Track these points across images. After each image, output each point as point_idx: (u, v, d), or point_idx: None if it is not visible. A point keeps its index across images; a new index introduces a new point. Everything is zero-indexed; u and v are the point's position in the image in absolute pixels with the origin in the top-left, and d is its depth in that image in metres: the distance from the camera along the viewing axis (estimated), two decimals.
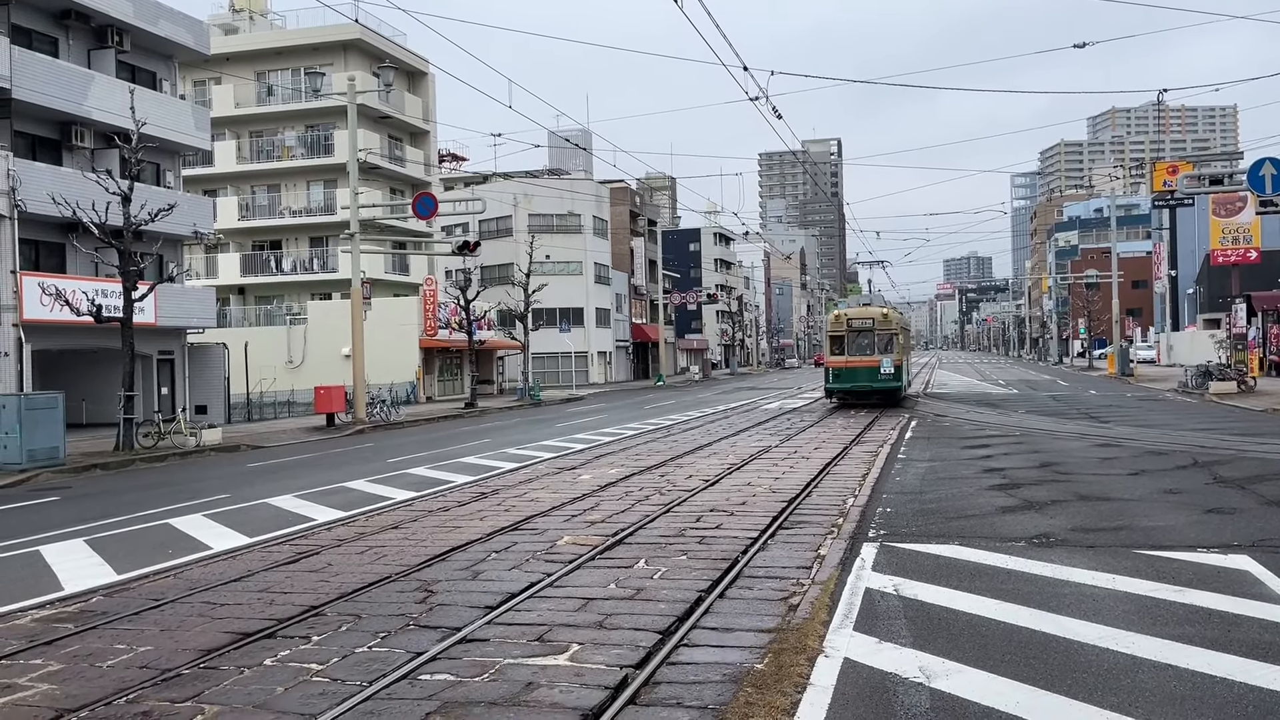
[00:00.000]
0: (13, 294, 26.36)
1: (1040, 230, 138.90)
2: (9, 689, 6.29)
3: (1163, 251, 74.85)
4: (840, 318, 32.22)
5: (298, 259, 51.56)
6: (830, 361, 31.96)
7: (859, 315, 32.11)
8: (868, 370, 30.60)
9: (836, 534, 10.20)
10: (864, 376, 30.65)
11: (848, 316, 32.08)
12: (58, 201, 24.10)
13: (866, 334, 30.94)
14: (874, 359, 30.56)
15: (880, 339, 30.81)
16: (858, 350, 30.89)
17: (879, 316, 31.78)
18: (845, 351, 31.07)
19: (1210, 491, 12.20)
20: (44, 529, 12.96)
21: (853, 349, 30.95)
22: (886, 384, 30.66)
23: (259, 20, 54.80)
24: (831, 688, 5.59)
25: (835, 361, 31.49)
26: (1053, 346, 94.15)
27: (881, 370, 30.39)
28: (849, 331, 31.21)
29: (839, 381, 31.33)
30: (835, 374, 31.50)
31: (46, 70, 28.12)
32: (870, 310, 33.26)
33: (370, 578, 9.02)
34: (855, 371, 30.80)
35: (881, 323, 31.31)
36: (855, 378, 30.80)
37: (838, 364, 31.31)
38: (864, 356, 30.70)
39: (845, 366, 30.96)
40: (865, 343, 30.89)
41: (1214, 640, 6.25)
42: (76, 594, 8.98)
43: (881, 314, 32.13)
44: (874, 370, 30.52)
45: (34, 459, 20.01)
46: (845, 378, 31.04)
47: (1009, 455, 16.75)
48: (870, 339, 30.85)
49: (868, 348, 30.82)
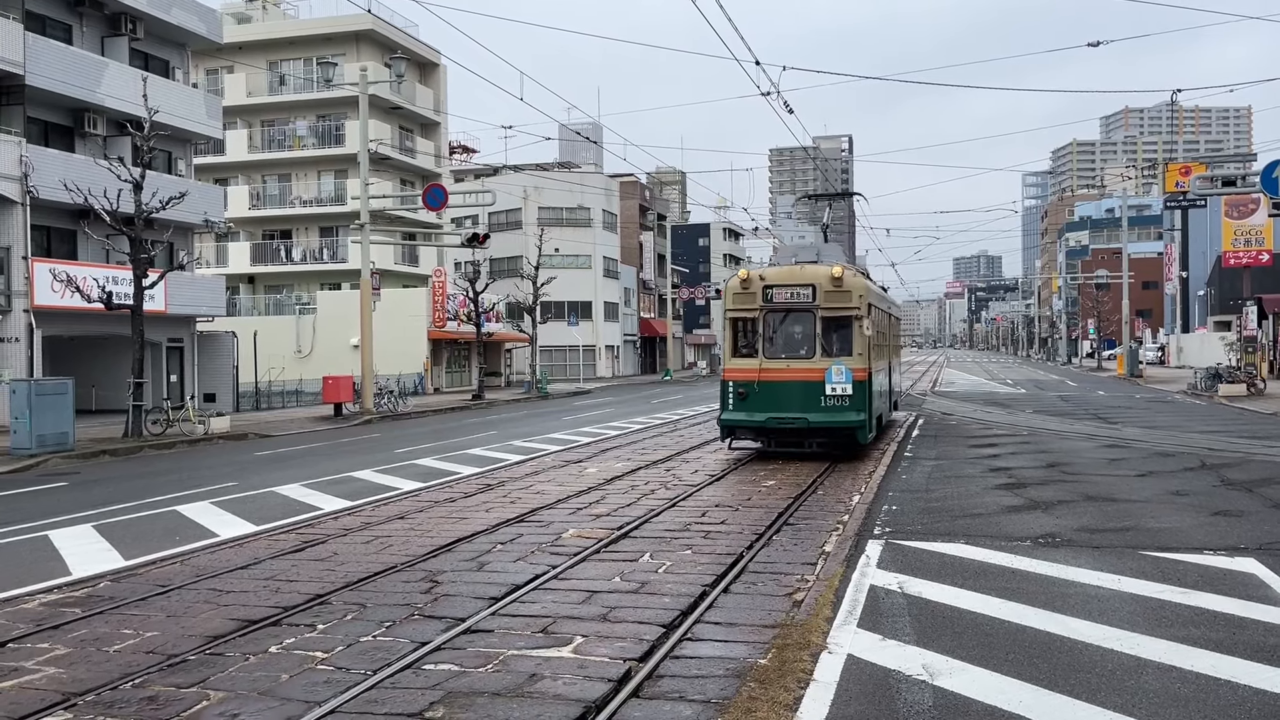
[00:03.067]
0: (24, 280, 26.47)
1: (1051, 230, 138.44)
2: (16, 672, 6.32)
3: (1174, 252, 74.59)
4: (751, 281, 16.90)
5: (308, 249, 51.66)
6: (732, 371, 16.77)
7: (786, 280, 16.85)
8: (801, 389, 16.22)
9: (842, 531, 10.19)
10: (792, 400, 16.24)
11: (765, 281, 16.86)
12: (69, 188, 24.17)
13: (801, 315, 16.55)
14: (813, 366, 16.23)
15: (827, 324, 16.41)
16: (783, 347, 16.65)
17: (825, 281, 16.46)
18: (759, 350, 16.62)
19: (1218, 494, 12.16)
20: (53, 514, 13.02)
21: (773, 344, 16.72)
22: (835, 416, 16.11)
23: (272, 9, 54.83)
24: (835, 684, 5.60)
25: (739, 370, 16.64)
26: (1061, 346, 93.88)
27: (828, 388, 16.09)
28: (766, 310, 16.67)
29: (745, 409, 16.49)
30: (738, 395, 16.56)
31: (60, 57, 28.20)
32: (810, 272, 16.91)
33: (376, 567, 9.05)
34: (775, 391, 16.35)
35: (830, 292, 16.43)
36: (775, 402, 16.34)
37: (743, 374, 16.56)
38: (794, 361, 16.37)
39: (758, 380, 16.34)
40: (798, 332, 16.67)
41: (1219, 642, 6.23)
42: (84, 579, 9.03)
43: (829, 276, 16.52)
44: (813, 389, 16.16)
45: (43, 444, 20.10)
46: (756, 403, 16.37)
47: (1016, 455, 16.71)
48: (807, 325, 16.52)
49: (802, 343, 16.57)
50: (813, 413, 16.03)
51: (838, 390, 15.94)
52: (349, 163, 47.13)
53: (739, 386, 16.49)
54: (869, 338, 16.61)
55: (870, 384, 16.79)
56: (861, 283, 17.01)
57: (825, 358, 16.17)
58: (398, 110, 50.37)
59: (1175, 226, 73.30)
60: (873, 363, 17.09)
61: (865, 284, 17.23)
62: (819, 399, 16.03)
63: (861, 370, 16.21)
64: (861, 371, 16.21)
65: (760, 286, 16.61)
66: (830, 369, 15.97)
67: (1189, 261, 70.38)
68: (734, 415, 16.60)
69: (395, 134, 50.21)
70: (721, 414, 16.85)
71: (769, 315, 16.64)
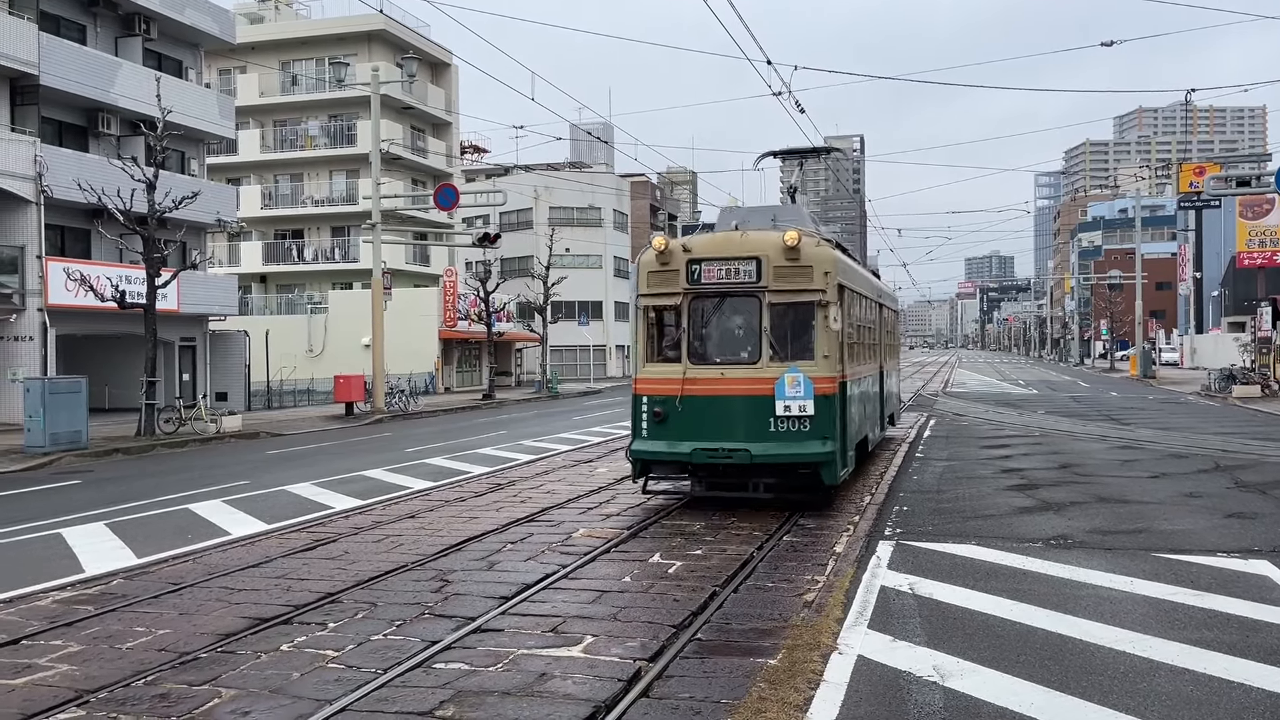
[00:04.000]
0: (38, 279, 26.63)
1: (1064, 230, 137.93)
2: (30, 669, 6.36)
3: (1188, 253, 74.22)
4: (671, 255, 11.80)
5: (319, 248, 51.83)
6: (646, 382, 11.91)
7: (720, 251, 11.75)
8: (742, 407, 11.42)
9: (853, 532, 10.17)
10: (730, 423, 11.44)
11: (691, 254, 11.77)
12: (83, 188, 24.30)
13: (741, 301, 11.74)
14: (759, 374, 11.41)
15: (779, 314, 11.59)
16: (716, 348, 11.86)
17: (775, 252, 11.44)
18: (683, 351, 11.73)
19: (1231, 496, 12.10)
20: (66, 512, 13.09)
21: (702, 344, 11.84)
22: (791, 446, 11.24)
23: (284, 10, 55.06)
24: (845, 684, 5.59)
25: (656, 381, 11.81)
26: (1074, 347, 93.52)
27: (781, 405, 11.19)
28: (692, 295, 11.78)
29: (664, 436, 11.66)
30: (654, 416, 11.74)
31: (74, 57, 28.36)
32: (753, 241, 11.73)
33: (387, 566, 9.07)
34: (705, 410, 11.53)
35: (783, 269, 11.44)
36: (705, 427, 11.48)
37: (661, 386, 11.74)
38: (732, 367, 11.60)
39: (681, 394, 11.54)
40: (738, 326, 11.86)
41: (1232, 645, 6.20)
42: (97, 576, 9.07)
43: (781, 245, 11.38)
44: (758, 407, 11.30)
45: (57, 442, 20.21)
46: (679, 427, 11.56)
47: (1028, 456, 16.65)
48: (750, 315, 11.71)
49: (743, 341, 11.78)
50: (758, 441, 10.95)
51: (793, 408, 10.87)
52: (361, 162, 47.27)
53: (655, 404, 11.45)
54: (841, 333, 11.62)
55: (844, 399, 11.68)
56: (828, 255, 11.40)
57: (776, 362, 11.11)
58: (409, 110, 50.47)
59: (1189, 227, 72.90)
60: (849, 367, 12.25)
61: (835, 258, 11.56)
62: (767, 421, 10.97)
63: (829, 379, 11.15)
64: (829, 381, 11.15)
65: (684, 261, 11.42)
66: (783, 378, 10.92)
67: (1203, 262, 69.97)
68: (648, 445, 11.45)
69: (407, 134, 50.33)
70: (632, 442, 11.70)
71: (696, 303, 11.56)
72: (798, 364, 11.23)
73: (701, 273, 11.54)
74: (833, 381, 11.34)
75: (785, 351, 11.39)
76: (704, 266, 11.57)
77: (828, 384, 11.26)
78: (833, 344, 11.44)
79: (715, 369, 11.50)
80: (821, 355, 11.31)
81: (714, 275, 11.51)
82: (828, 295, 11.34)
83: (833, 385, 11.33)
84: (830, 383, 11.29)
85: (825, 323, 11.37)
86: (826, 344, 11.37)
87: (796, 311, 11.51)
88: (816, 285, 11.30)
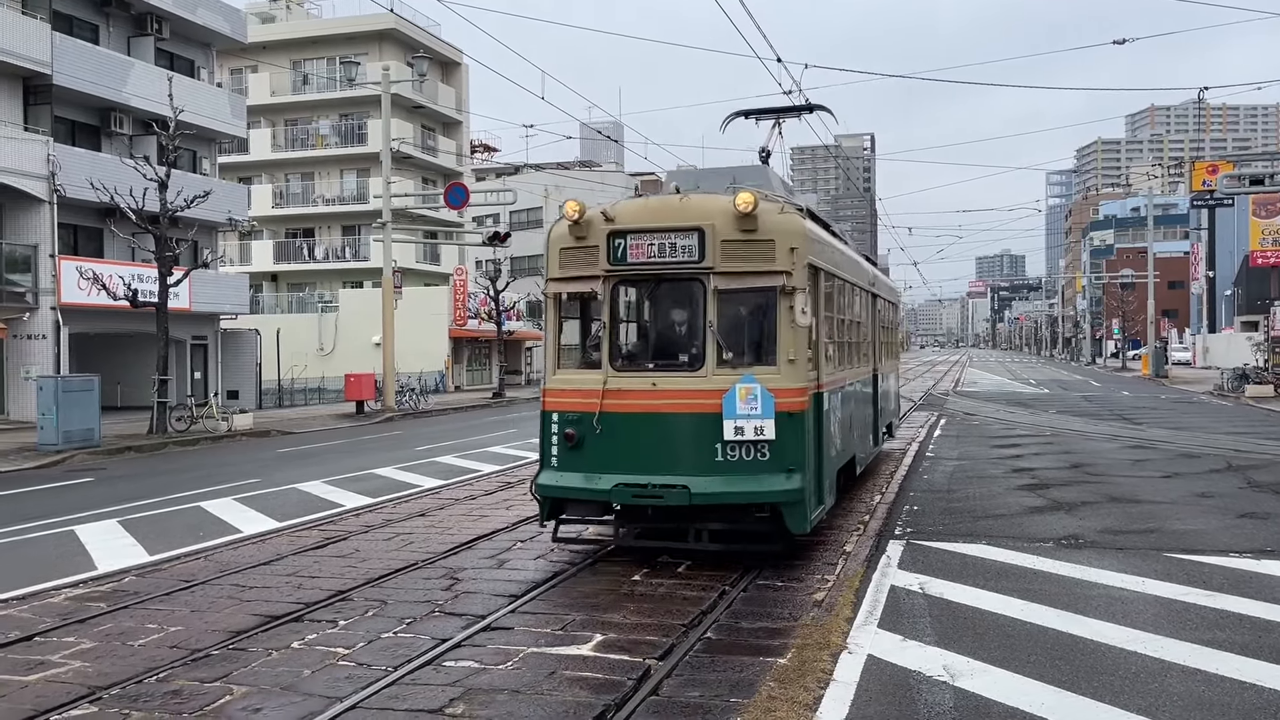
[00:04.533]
0: (51, 278, 26.77)
1: (1075, 229, 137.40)
2: (43, 665, 6.40)
3: (1200, 252, 73.82)
4: (589, 225, 8.79)
5: (330, 247, 51.97)
6: (557, 393, 8.98)
7: (652, 220, 8.70)
8: (679, 428, 8.52)
9: (863, 531, 10.16)
10: (663, 450, 8.48)
11: (615, 224, 8.71)
12: (96, 187, 24.40)
13: (679, 287, 8.88)
14: (701, 385, 8.46)
15: (728, 303, 8.72)
16: (647, 350, 9.26)
17: (724, 222, 8.45)
18: (609, 354, 8.82)
19: (1244, 496, 12.04)
20: (79, 509, 13.16)
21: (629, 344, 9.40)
22: (743, 482, 8.30)
23: (295, 9, 55.25)
24: (855, 684, 5.58)
25: (570, 392, 8.90)
26: (1085, 347, 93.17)
27: (730, 426, 8.25)
28: (616, 279, 8.89)
29: (578, 466, 8.70)
30: (567, 439, 8.74)
31: (87, 57, 28.49)
32: (696, 207, 8.67)
33: (397, 564, 9.10)
34: (631, 431, 8.55)
35: (734, 244, 8.47)
36: (631, 454, 8.50)
37: (575, 399, 8.80)
38: (667, 374, 8.72)
39: (600, 410, 8.57)
40: (675, 320, 9.15)
41: (1245, 645, 6.17)
42: (109, 574, 9.12)
43: (732, 212, 8.38)
44: (701, 429, 8.39)
45: (70, 440, 20.31)
46: (598, 454, 8.61)
47: (1039, 455, 16.60)
48: (691, 305, 8.82)
49: (682, 341, 8.99)
50: (701, 475, 8.25)
51: (747, 430, 8.17)
52: (371, 161, 47.37)
53: (567, 423, 8.69)
54: (814, 329, 9.04)
55: (819, 415, 9.08)
56: (795, 226, 8.59)
57: (726, 368, 8.40)
58: (420, 109, 50.57)
59: (1202, 225, 72.51)
60: (828, 373, 9.61)
61: (804, 230, 8.68)
62: (712, 448, 8.27)
63: (796, 391, 8.41)
64: (796, 394, 8.39)
65: (605, 234, 8.65)
66: (734, 391, 8.19)
67: (1215, 261, 69.56)
68: (558, 478, 8.72)
69: (417, 133, 50.41)
70: (538, 474, 8.94)
71: (621, 289, 9.02)
72: (755, 371, 8.35)
73: (628, 249, 8.58)
74: (801, 394, 8.45)
75: (739, 354, 8.61)
76: (631, 241, 8.58)
77: (794, 397, 8.36)
78: (801, 344, 8.51)
79: (646, 377, 8.63)
80: (785, 359, 8.40)
81: (643, 252, 8.57)
82: (794, 279, 8.39)
83: (801, 398, 8.44)
84: (797, 396, 8.40)
85: (791, 315, 8.42)
86: (792, 344, 8.42)
87: (752, 300, 8.76)
88: (779, 265, 8.39)
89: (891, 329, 17.28)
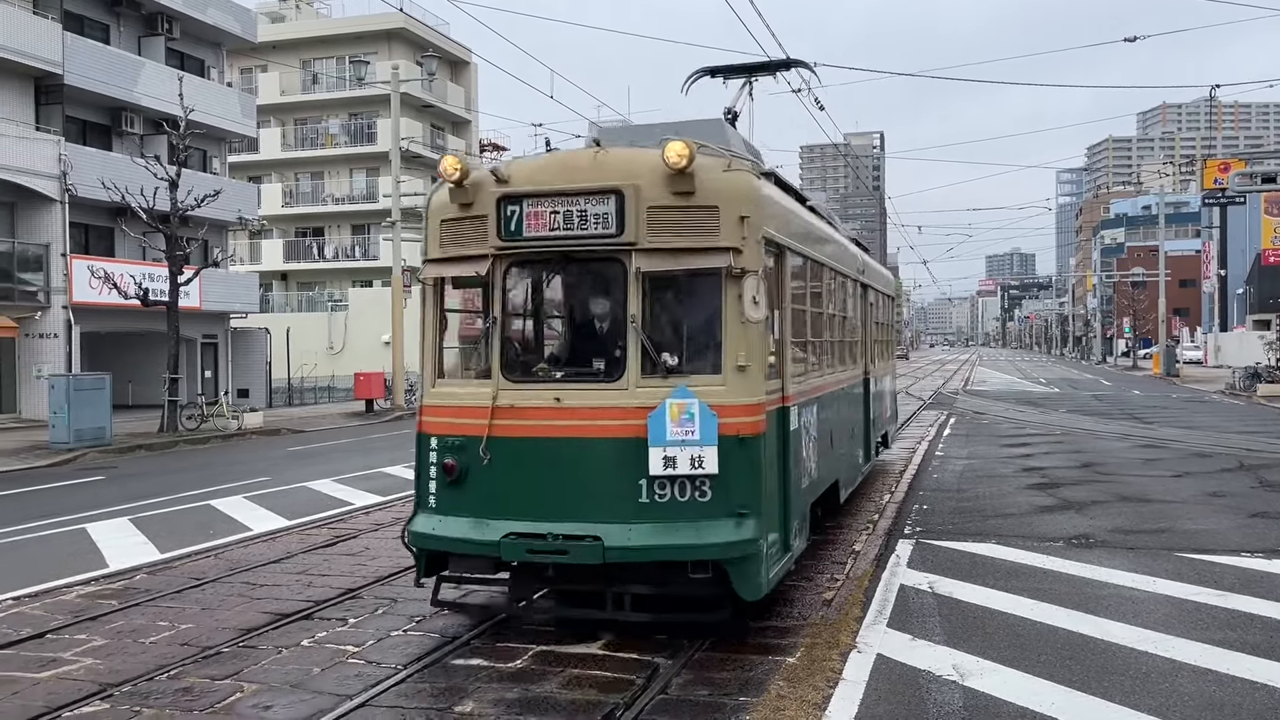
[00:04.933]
0: (63, 277, 26.90)
1: (1086, 227, 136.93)
2: (54, 663, 6.43)
3: (1212, 250, 73.48)
4: (476, 190, 6.72)
5: (340, 246, 52.10)
6: (436, 411, 6.89)
7: (555, 181, 6.57)
8: (591, 458, 6.39)
9: (872, 530, 10.14)
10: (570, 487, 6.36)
11: (508, 186, 6.64)
12: (107, 186, 24.51)
13: (592, 269, 6.89)
14: (619, 400, 6.36)
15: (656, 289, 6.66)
16: (554, 350, 7.63)
17: (650, 181, 6.34)
18: (501, 360, 6.75)
19: (1256, 495, 11.98)
20: (90, 507, 13.22)
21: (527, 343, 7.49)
22: (680, 535, 6.18)
23: (305, 9, 55.38)
24: (864, 683, 5.57)
25: (451, 410, 6.81)
26: (1096, 345, 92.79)
27: (658, 456, 6.16)
28: (509, 259, 6.79)
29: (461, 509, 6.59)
30: (445, 471, 6.64)
31: (98, 57, 28.62)
32: (615, 163, 6.57)
33: (407, 561, 9.08)
34: (529, 462, 6.46)
35: (663, 211, 6.36)
36: (528, 493, 6.42)
37: (458, 419, 6.72)
38: (575, 385, 6.58)
39: (489, 434, 6.51)
40: (590, 314, 7.14)
41: (1256, 646, 6.14)
42: (121, 571, 9.16)
43: (661, 169, 6.27)
44: (620, 458, 6.29)
45: (81, 439, 20.40)
46: (486, 493, 6.52)
47: (1049, 454, 16.55)
48: (609, 294, 6.78)
49: (598, 342, 6.88)
50: (620, 521, 6.29)
51: (681, 462, 6.22)
52: (381, 160, 47.44)
53: (449, 449, 6.73)
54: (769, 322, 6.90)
55: (781, 438, 7.00)
56: (745, 188, 6.60)
57: (653, 378, 6.43)
58: (429, 108, 50.64)
59: (1214, 224, 72.17)
60: (794, 382, 7.42)
61: (757, 192, 6.71)
62: (635, 485, 6.31)
63: (749, 408, 6.43)
64: (748, 411, 6.42)
65: (495, 200, 6.67)
66: (664, 408, 6.24)
67: (1227, 259, 69.22)
68: (436, 524, 6.73)
69: (427, 132, 50.48)
70: (413, 515, 6.92)
71: (516, 272, 7.05)
72: (693, 381, 6.29)
73: (524, 219, 6.50)
74: (755, 411, 6.38)
75: (678, 359, 6.56)
76: (528, 209, 6.50)
77: (746, 415, 6.31)
78: (755, 344, 6.41)
79: (548, 390, 6.51)
80: (733, 365, 6.30)
81: (544, 223, 6.46)
82: (745, 257, 6.30)
83: (755, 417, 6.38)
84: (750, 413, 6.34)
85: (740, 306, 6.31)
86: (743, 344, 6.33)
87: (689, 287, 6.74)
88: (724, 240, 6.29)
89: (887, 325, 15.30)
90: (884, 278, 14.96)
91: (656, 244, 6.33)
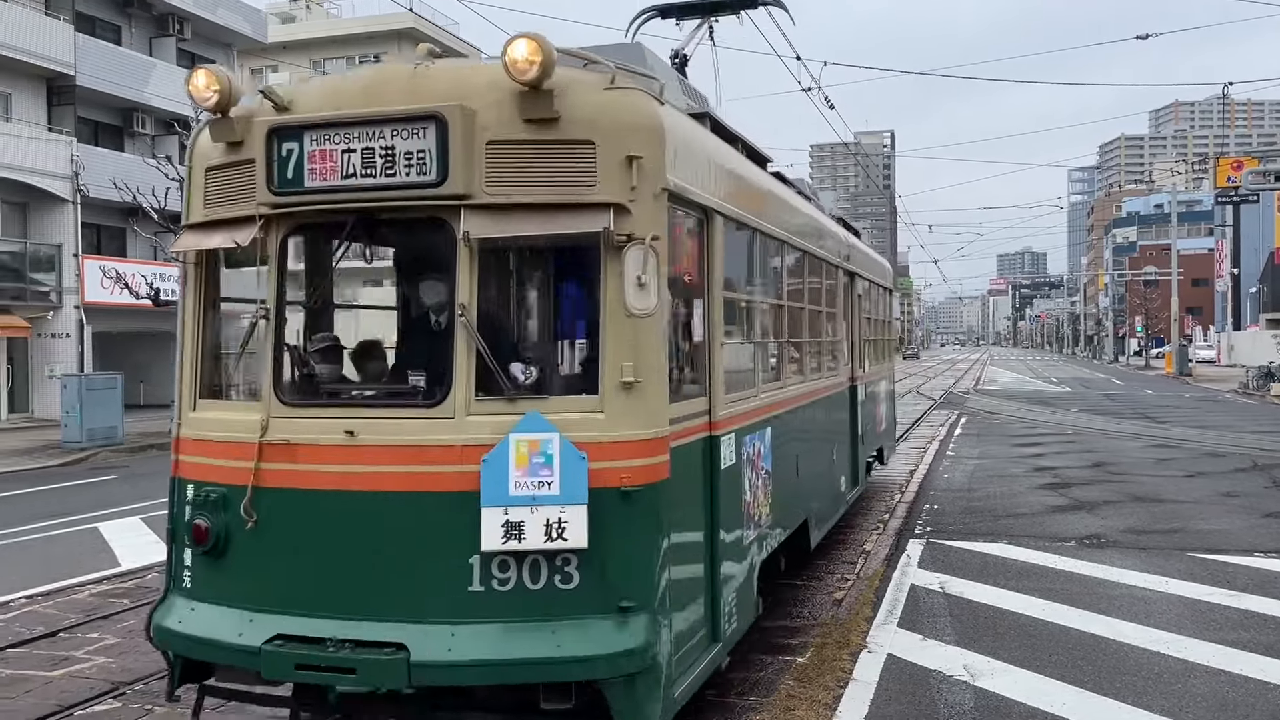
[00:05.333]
0: (75, 277, 27.03)
1: (1098, 226, 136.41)
2: (67, 661, 6.46)
3: (1225, 249, 73.09)
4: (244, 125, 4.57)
5: None
6: (190, 449, 4.85)
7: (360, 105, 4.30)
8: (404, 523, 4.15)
9: (883, 530, 10.12)
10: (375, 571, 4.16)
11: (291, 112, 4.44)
12: (119, 186, 24.60)
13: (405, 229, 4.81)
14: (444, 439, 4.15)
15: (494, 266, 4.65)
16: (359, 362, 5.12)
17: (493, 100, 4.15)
18: (274, 373, 4.54)
19: (1269, 495, 11.92)
20: (102, 506, 13.27)
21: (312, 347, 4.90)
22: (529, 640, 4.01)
23: (315, 9, 55.59)
24: (874, 683, 5.56)
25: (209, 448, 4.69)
26: (1108, 345, 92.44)
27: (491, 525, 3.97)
28: (284, 218, 4.52)
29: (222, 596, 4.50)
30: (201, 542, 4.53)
31: (109, 58, 28.76)
32: (439, 80, 4.31)
33: None
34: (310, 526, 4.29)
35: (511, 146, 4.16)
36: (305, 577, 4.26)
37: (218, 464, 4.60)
38: (376, 411, 4.50)
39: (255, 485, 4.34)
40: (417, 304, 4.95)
41: (1270, 646, 6.11)
42: (132, 570, 9.20)
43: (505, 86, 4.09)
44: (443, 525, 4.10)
45: (93, 438, 20.49)
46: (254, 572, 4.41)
47: (1061, 454, 16.48)
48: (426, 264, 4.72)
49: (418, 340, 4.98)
50: (436, 621, 4.09)
51: (531, 530, 3.99)
52: None
53: (203, 505, 4.62)
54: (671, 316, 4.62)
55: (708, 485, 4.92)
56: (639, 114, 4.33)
57: (491, 400, 4.23)
58: None
59: (1226, 222, 71.77)
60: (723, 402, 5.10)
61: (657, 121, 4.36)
62: (463, 565, 4.10)
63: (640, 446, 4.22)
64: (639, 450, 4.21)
65: (265, 136, 4.43)
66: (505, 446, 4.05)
67: (1240, 258, 68.83)
68: (187, 615, 4.73)
69: None
70: (161, 599, 5.08)
71: (295, 241, 4.93)
72: (552, 405, 4.29)
73: (305, 162, 4.37)
74: (651, 448, 4.29)
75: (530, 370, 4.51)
76: (311, 146, 4.37)
77: (634, 457, 4.23)
78: (649, 347, 4.30)
79: (337, 418, 4.44)
80: (614, 382, 4.23)
81: (334, 167, 4.34)
82: (635, 219, 4.22)
83: (650, 459, 4.28)
84: (642, 453, 4.25)
85: (622, 294, 4.20)
86: (631, 348, 4.26)
87: (549, 263, 5.14)
88: (602, 193, 4.22)
89: (882, 322, 13.18)
90: (878, 266, 12.75)
91: (499, 197, 4.19)
